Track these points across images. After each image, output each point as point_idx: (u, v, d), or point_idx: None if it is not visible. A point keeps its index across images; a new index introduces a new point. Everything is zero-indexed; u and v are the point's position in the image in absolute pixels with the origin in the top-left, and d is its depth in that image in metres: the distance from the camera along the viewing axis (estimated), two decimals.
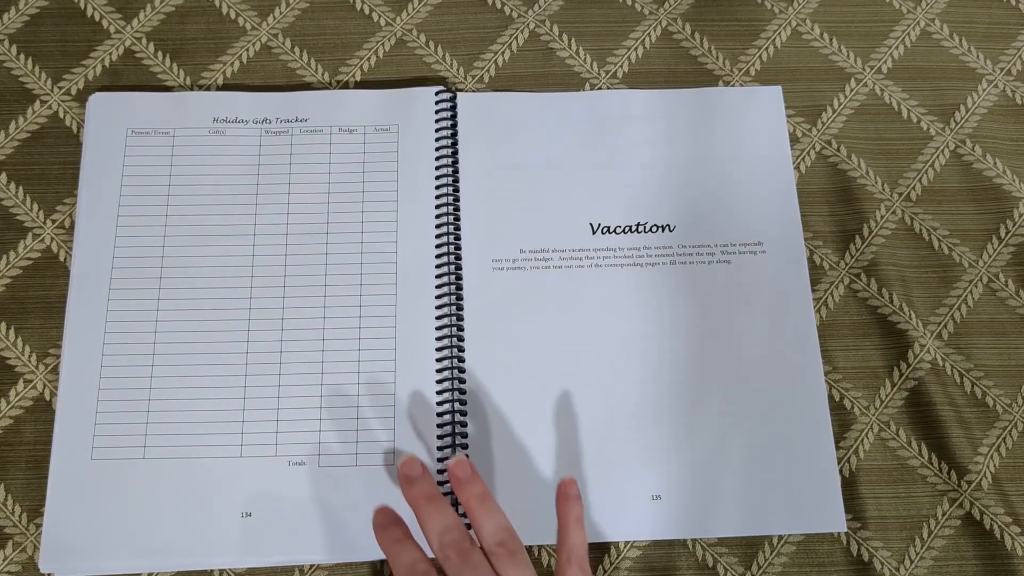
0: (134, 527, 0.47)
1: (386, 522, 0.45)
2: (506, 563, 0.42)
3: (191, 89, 0.57)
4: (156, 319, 0.51)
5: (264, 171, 0.55)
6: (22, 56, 0.58)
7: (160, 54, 0.58)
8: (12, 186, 0.55)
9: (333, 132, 0.55)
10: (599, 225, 0.55)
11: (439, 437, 0.50)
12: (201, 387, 0.50)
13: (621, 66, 0.59)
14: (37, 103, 0.57)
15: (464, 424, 0.50)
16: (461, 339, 0.52)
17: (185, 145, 0.55)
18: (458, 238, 0.54)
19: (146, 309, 0.51)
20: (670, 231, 0.55)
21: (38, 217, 0.54)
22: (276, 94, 0.56)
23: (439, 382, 0.51)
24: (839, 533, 0.50)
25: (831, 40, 0.61)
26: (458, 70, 0.59)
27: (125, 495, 0.48)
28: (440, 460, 0.49)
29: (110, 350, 0.50)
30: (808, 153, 0.58)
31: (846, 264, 0.55)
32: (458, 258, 0.53)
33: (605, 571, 0.49)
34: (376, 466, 0.49)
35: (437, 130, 0.56)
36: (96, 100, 0.56)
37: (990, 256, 0.56)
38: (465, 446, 0.50)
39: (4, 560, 0.48)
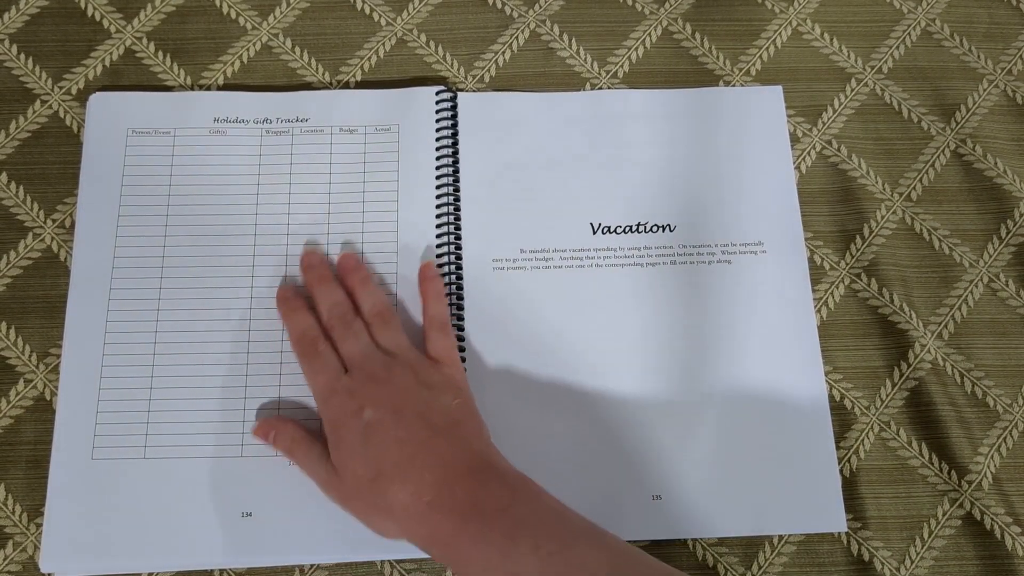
0: (134, 527, 0.47)
1: (287, 295, 0.51)
2: (380, 329, 0.49)
3: (191, 89, 0.57)
4: (156, 319, 0.51)
5: (265, 171, 0.55)
6: (22, 56, 0.58)
7: (160, 54, 0.58)
8: (12, 186, 0.55)
9: (334, 132, 0.55)
10: (599, 225, 0.55)
11: None
12: (202, 387, 0.50)
13: (621, 66, 0.59)
14: (37, 103, 0.57)
15: None
16: (462, 339, 0.52)
17: (186, 145, 0.55)
18: (458, 238, 0.54)
19: (147, 309, 0.51)
20: (670, 231, 0.55)
21: (38, 217, 0.54)
22: (277, 94, 0.56)
23: None
24: (839, 533, 0.50)
25: (831, 40, 0.61)
26: (459, 70, 0.59)
27: (125, 495, 0.48)
28: None
29: (110, 350, 0.50)
30: (808, 153, 0.58)
31: (846, 264, 0.55)
32: (458, 258, 0.53)
33: None
34: None
35: (438, 130, 0.56)
36: (96, 100, 0.55)
37: (991, 256, 0.56)
38: None
39: (4, 560, 0.48)
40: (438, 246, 0.53)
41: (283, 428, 0.48)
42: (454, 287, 0.53)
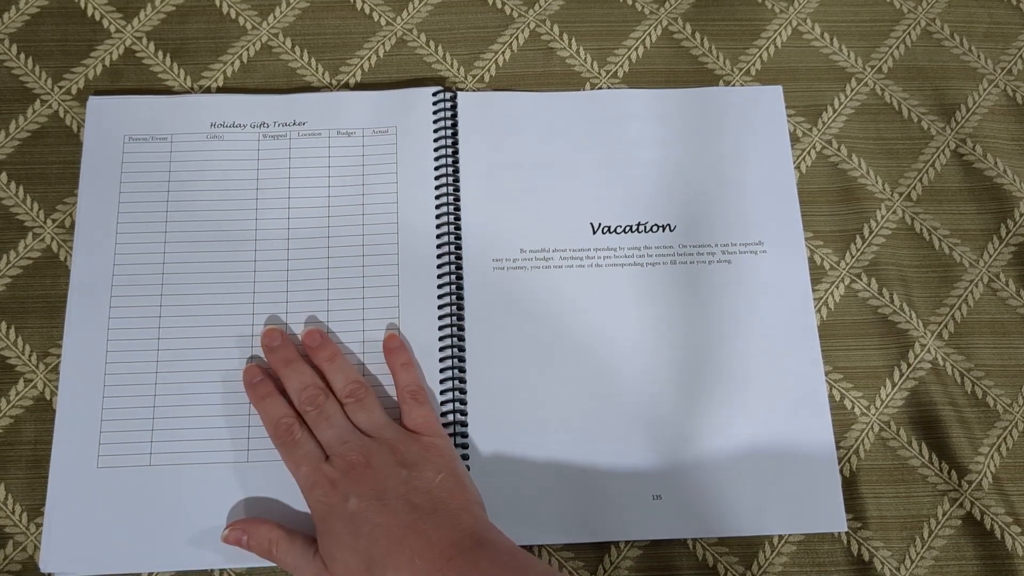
0: (136, 530, 0.47)
1: (254, 379, 0.49)
2: (355, 409, 0.48)
3: (191, 89, 0.57)
4: (159, 325, 0.51)
5: (263, 175, 0.54)
6: (22, 56, 0.58)
7: (160, 54, 0.58)
8: (12, 185, 0.55)
9: (331, 135, 0.55)
10: (599, 225, 0.55)
11: None
12: (206, 392, 0.50)
13: (621, 66, 0.59)
14: (37, 103, 0.57)
15: (465, 424, 0.50)
16: (462, 339, 0.52)
17: (183, 151, 0.55)
18: (458, 238, 0.54)
19: (148, 316, 0.51)
20: (670, 231, 0.55)
21: (38, 217, 0.54)
22: (273, 97, 0.56)
23: (441, 382, 0.51)
24: (840, 533, 0.50)
25: (832, 40, 0.61)
26: (459, 70, 0.59)
27: (131, 502, 0.48)
28: None
29: (113, 357, 0.50)
30: (809, 153, 0.58)
31: (846, 264, 0.55)
32: (459, 258, 0.53)
33: (605, 571, 0.49)
34: None
35: (436, 130, 0.56)
36: (94, 104, 0.55)
37: (991, 256, 0.56)
38: (466, 446, 0.50)
39: (4, 560, 0.48)
40: (438, 246, 0.53)
41: (256, 530, 0.46)
42: (454, 287, 0.53)
